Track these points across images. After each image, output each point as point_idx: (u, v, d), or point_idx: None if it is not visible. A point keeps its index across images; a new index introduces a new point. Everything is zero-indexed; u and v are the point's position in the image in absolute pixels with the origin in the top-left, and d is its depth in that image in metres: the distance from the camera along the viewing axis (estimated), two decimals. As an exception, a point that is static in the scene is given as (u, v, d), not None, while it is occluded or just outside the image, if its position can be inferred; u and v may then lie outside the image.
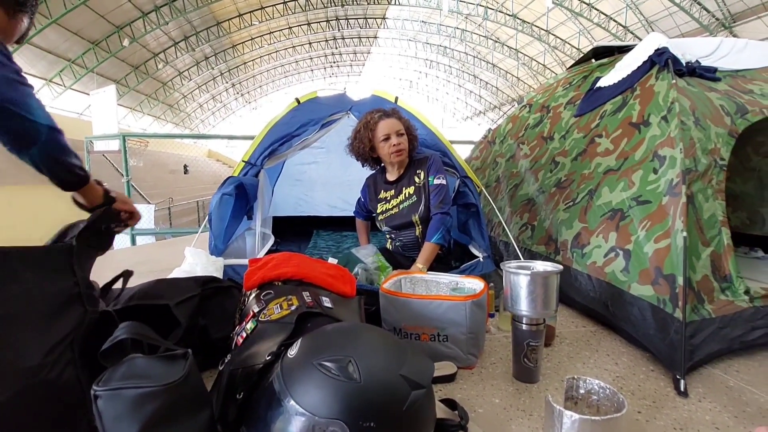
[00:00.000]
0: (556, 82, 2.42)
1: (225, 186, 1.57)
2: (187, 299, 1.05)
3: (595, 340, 1.33)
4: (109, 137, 4.96)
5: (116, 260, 2.79)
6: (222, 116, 28.98)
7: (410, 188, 1.65)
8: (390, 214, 1.68)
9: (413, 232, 1.65)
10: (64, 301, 0.75)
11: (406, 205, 1.64)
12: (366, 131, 1.62)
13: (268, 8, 18.27)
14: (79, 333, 0.74)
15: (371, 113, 1.64)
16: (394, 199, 1.67)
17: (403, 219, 1.64)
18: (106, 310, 0.83)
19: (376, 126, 1.60)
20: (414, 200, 1.63)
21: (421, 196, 1.62)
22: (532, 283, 1.02)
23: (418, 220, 1.62)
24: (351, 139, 1.70)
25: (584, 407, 0.84)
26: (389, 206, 1.69)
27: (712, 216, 1.20)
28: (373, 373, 0.64)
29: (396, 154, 1.59)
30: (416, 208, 1.62)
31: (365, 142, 1.62)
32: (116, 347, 0.71)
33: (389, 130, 1.58)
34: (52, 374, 0.68)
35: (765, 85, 1.53)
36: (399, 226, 1.67)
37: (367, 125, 1.62)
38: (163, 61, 18.42)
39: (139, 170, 9.49)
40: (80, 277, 0.78)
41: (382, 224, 1.72)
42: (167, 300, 1.01)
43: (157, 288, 1.07)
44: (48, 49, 13.46)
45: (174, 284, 1.11)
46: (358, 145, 1.65)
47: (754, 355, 1.19)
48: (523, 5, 16.57)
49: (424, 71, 28.04)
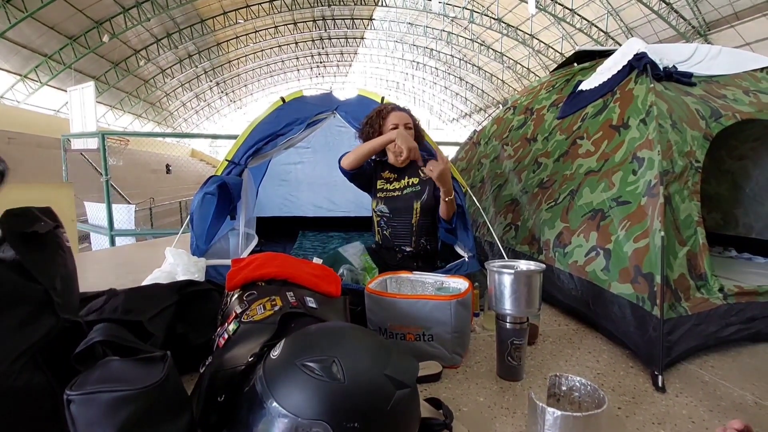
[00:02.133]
0: (540, 85, 2.46)
1: (207, 185, 1.54)
2: (162, 310, 1.00)
3: (577, 338, 1.35)
4: (87, 135, 4.81)
5: (95, 261, 2.72)
6: (206, 115, 28.51)
7: (414, 179, 1.66)
8: (391, 195, 1.67)
9: (409, 220, 1.64)
10: (33, 309, 0.70)
11: (410, 191, 1.65)
12: (378, 118, 1.65)
13: (253, 6, 18.07)
14: (49, 339, 0.70)
15: (386, 104, 1.70)
16: (397, 182, 1.68)
17: (404, 203, 1.64)
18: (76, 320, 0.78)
19: (388, 115, 1.65)
20: (418, 189, 1.64)
21: (425, 187, 1.63)
22: (516, 282, 1.03)
23: (419, 207, 1.62)
24: (362, 125, 1.70)
25: (566, 404, 0.85)
26: (390, 187, 1.68)
27: (688, 216, 1.24)
28: (358, 373, 0.63)
29: (398, 152, 1.61)
30: (419, 195, 1.63)
31: (375, 127, 1.64)
32: (91, 351, 0.68)
33: (399, 121, 1.63)
34: (19, 382, 0.65)
35: (737, 90, 1.59)
36: (397, 210, 1.66)
37: (380, 113, 1.66)
38: (145, 58, 18.01)
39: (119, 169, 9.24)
40: (48, 285, 0.73)
41: (380, 202, 1.69)
42: (139, 315, 0.95)
43: (130, 301, 1.00)
44: (23, 43, 13.01)
45: (148, 295, 1.05)
46: (368, 130, 1.66)
47: (728, 351, 1.23)
48: (508, 9, 16.83)
49: (411, 73, 28.16)
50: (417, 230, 1.64)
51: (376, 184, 1.71)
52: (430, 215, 1.65)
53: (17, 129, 10.18)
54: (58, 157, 4.86)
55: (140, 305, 0.98)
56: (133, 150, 11.60)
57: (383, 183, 1.70)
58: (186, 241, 1.60)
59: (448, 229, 1.61)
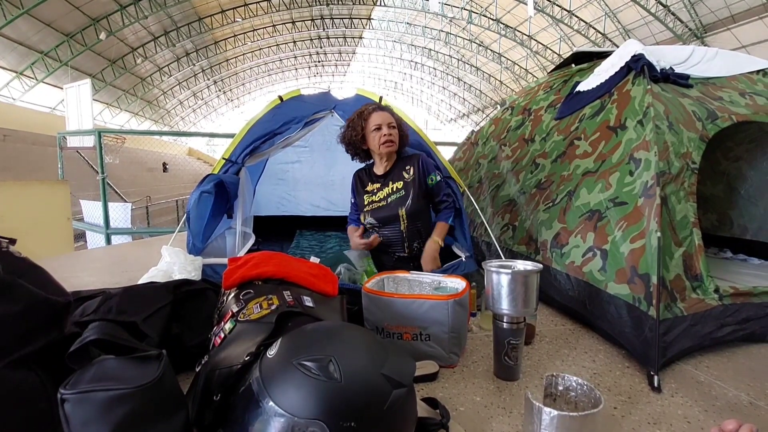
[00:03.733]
0: (538, 86, 2.47)
1: (204, 183, 1.54)
2: (157, 311, 0.99)
3: (574, 337, 1.35)
4: (83, 133, 4.77)
5: (90, 260, 2.70)
6: (203, 114, 28.41)
7: (398, 183, 1.64)
8: (376, 206, 1.68)
9: (398, 227, 1.64)
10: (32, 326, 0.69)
11: (394, 198, 1.64)
12: (359, 120, 1.63)
13: (251, 5, 18.03)
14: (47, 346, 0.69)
15: (366, 105, 1.66)
16: (381, 192, 1.67)
17: (389, 212, 1.64)
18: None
19: (369, 116, 1.62)
20: (402, 194, 1.63)
21: (410, 191, 1.62)
22: (513, 282, 1.04)
23: (404, 214, 1.62)
24: (343, 128, 1.69)
25: (563, 403, 0.85)
26: (375, 198, 1.68)
27: (684, 217, 1.24)
28: (354, 372, 0.63)
29: (386, 144, 1.59)
30: (403, 201, 1.62)
31: (358, 130, 1.63)
32: (85, 350, 0.68)
33: (381, 121, 1.60)
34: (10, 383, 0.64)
35: (733, 92, 1.60)
36: (384, 219, 1.66)
37: (360, 115, 1.64)
38: (142, 56, 17.92)
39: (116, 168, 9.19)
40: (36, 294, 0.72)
41: (367, 216, 1.70)
42: (133, 316, 0.93)
43: (124, 301, 0.98)
44: (19, 40, 12.91)
45: (142, 296, 1.03)
46: (350, 133, 1.65)
47: (723, 351, 1.24)
48: (506, 10, 16.86)
49: (409, 73, 28.17)
50: (408, 236, 1.64)
51: (363, 201, 1.71)
52: (419, 219, 1.64)
53: (13, 126, 10.11)
54: (53, 155, 4.83)
55: (134, 306, 0.97)
56: (130, 148, 11.54)
57: (369, 197, 1.69)
58: (183, 239, 1.59)
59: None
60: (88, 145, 4.72)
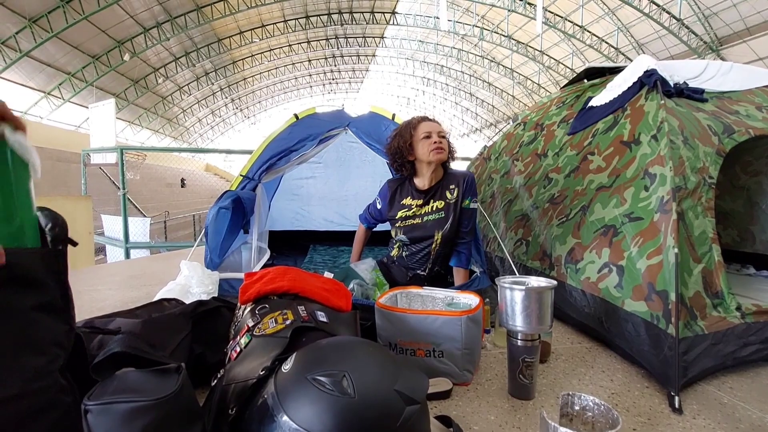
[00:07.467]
0: (550, 101, 2.48)
1: (222, 200, 1.58)
2: (181, 341, 1.00)
3: (591, 356, 1.33)
4: (106, 150, 4.97)
5: (110, 273, 2.77)
6: (221, 131, 29.17)
7: (439, 202, 1.59)
8: (411, 224, 1.61)
9: (429, 247, 1.60)
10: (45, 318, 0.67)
11: (432, 218, 1.59)
12: (407, 128, 1.59)
13: (268, 26, 18.64)
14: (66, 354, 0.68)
15: (414, 117, 1.64)
16: (419, 209, 1.60)
17: (425, 232, 1.59)
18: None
19: (418, 124, 1.58)
20: (441, 216, 1.58)
21: (450, 214, 1.57)
22: (527, 299, 1.03)
23: (440, 238, 1.58)
24: (389, 138, 1.63)
25: (579, 424, 0.84)
26: (411, 214, 1.61)
27: (702, 233, 1.22)
28: (368, 388, 0.64)
29: (436, 151, 1.52)
30: (442, 225, 1.57)
31: (406, 137, 1.57)
32: (108, 361, 0.70)
33: (431, 129, 1.56)
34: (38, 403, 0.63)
35: (750, 106, 1.58)
36: (417, 238, 1.61)
37: (409, 123, 1.61)
38: (164, 75, 18.62)
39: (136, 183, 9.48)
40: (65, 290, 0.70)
41: (399, 232, 1.64)
42: (160, 350, 0.93)
43: (147, 333, 0.98)
44: (47, 62, 13.59)
45: (164, 326, 1.03)
46: (398, 141, 1.58)
47: (747, 371, 1.20)
48: (517, 26, 17.02)
49: (422, 89, 28.51)
50: (434, 258, 1.61)
51: (396, 214, 1.63)
52: (450, 245, 1.61)
53: (40, 144, 10.51)
54: (77, 171, 5.02)
55: (158, 337, 0.97)
56: (150, 164, 11.91)
57: (405, 211, 1.62)
58: (200, 254, 1.63)
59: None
60: (110, 162, 4.90)
